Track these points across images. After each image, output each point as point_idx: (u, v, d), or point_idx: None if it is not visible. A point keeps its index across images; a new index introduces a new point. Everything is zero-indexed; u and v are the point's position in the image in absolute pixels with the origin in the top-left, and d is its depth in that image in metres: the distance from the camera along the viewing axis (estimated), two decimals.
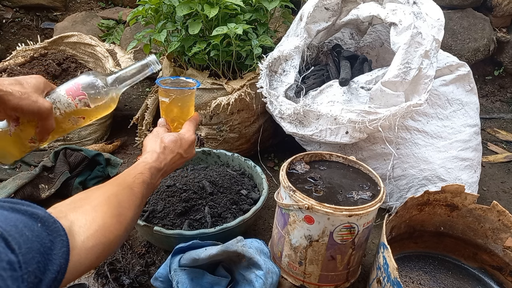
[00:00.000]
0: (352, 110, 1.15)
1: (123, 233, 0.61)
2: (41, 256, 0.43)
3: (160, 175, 0.82)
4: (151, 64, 0.86)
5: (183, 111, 0.97)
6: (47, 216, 0.48)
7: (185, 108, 0.97)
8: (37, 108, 0.67)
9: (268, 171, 1.54)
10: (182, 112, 0.97)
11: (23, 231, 0.42)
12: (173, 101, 0.94)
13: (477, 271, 1.08)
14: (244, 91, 1.39)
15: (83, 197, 0.61)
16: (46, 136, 0.73)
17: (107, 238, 0.56)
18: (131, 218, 0.65)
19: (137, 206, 0.68)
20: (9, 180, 1.26)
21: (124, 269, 1.00)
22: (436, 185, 1.24)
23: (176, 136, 0.88)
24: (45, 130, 0.71)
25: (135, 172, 0.74)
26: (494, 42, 2.33)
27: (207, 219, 1.05)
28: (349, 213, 0.86)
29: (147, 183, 0.74)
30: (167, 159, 0.84)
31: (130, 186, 0.69)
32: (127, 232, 0.64)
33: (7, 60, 1.83)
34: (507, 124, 2.16)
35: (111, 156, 1.49)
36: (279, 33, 1.67)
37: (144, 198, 0.73)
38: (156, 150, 0.83)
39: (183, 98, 0.95)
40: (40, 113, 0.68)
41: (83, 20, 2.51)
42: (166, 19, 1.43)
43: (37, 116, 0.69)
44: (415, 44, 1.13)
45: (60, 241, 0.47)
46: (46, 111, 0.69)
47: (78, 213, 0.55)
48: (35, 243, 0.43)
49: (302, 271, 0.98)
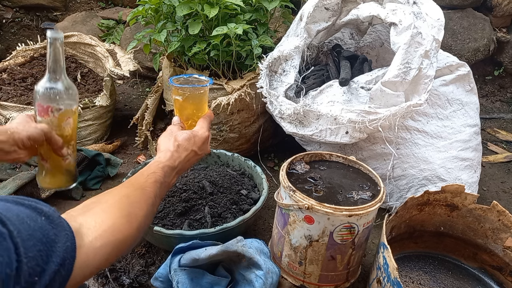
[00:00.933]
0: (352, 110, 1.15)
1: (134, 232, 0.61)
2: (43, 246, 0.43)
3: (175, 173, 0.82)
4: (52, 34, 0.79)
5: (196, 108, 0.97)
6: (51, 212, 0.48)
7: (198, 105, 0.97)
8: (40, 130, 0.78)
9: (268, 171, 1.54)
10: (196, 110, 0.97)
11: (24, 219, 0.43)
12: (186, 99, 0.95)
13: (477, 271, 1.08)
14: (244, 91, 1.39)
15: (95, 201, 0.61)
16: (61, 149, 0.82)
17: (116, 237, 0.56)
18: (144, 217, 0.65)
19: (150, 205, 0.68)
20: (9, 180, 1.26)
21: (124, 269, 1.00)
22: (436, 185, 1.24)
23: (190, 133, 0.88)
24: (57, 145, 0.81)
25: (148, 172, 0.75)
26: (494, 42, 2.33)
27: (207, 219, 1.05)
28: (349, 213, 0.86)
29: (160, 182, 0.74)
30: (181, 157, 0.84)
31: (142, 186, 0.70)
32: (140, 232, 0.64)
33: (7, 60, 1.83)
34: (507, 124, 2.16)
35: (111, 156, 1.49)
36: (279, 33, 1.67)
37: (158, 198, 0.73)
38: (170, 148, 0.84)
39: (196, 96, 0.95)
40: (45, 133, 0.78)
41: (83, 20, 2.51)
42: (166, 19, 1.43)
43: (45, 137, 0.79)
44: (415, 44, 1.13)
45: (64, 236, 0.47)
46: (47, 129, 0.79)
47: (88, 215, 0.56)
48: (37, 233, 0.43)
49: (302, 271, 0.98)
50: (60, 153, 0.82)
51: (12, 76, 1.74)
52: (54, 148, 0.82)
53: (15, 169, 1.44)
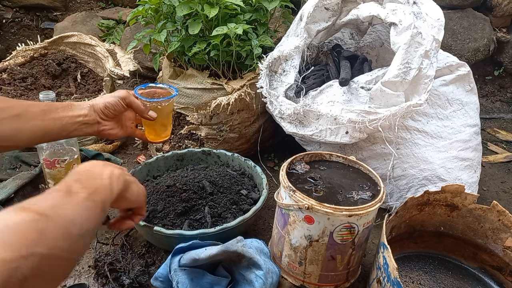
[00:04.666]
0: (352, 110, 1.15)
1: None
2: None
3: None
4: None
5: (163, 120, 0.98)
6: None
7: (165, 119, 0.99)
8: (116, 96, 0.87)
9: (268, 171, 1.54)
10: (161, 124, 0.99)
11: None
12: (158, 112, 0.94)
13: (477, 271, 1.08)
14: (244, 91, 1.39)
15: None
16: (144, 113, 0.92)
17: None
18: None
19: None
20: (9, 180, 1.26)
21: (124, 269, 1.00)
22: (436, 185, 1.24)
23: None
24: (139, 109, 0.91)
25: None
26: (494, 42, 2.33)
27: (207, 219, 1.05)
28: (349, 213, 0.86)
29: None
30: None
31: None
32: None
33: (7, 60, 1.83)
34: (507, 124, 2.16)
35: (111, 156, 1.49)
36: (279, 33, 1.67)
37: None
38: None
39: (159, 109, 0.94)
40: (122, 98, 0.88)
41: (83, 20, 2.51)
42: (166, 19, 1.43)
43: (124, 102, 0.89)
44: (415, 44, 1.13)
45: None
46: (123, 95, 0.88)
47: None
48: None
49: (302, 271, 0.98)
50: (145, 116, 0.91)
51: (12, 76, 1.74)
52: (137, 113, 0.91)
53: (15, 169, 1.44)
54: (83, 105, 0.83)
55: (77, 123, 0.80)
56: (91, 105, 0.84)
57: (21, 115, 0.71)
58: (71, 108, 0.80)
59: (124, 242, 1.10)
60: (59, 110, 0.78)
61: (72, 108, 0.80)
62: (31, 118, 0.72)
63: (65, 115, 0.78)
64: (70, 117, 0.79)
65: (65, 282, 1.00)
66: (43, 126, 0.74)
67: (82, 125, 0.81)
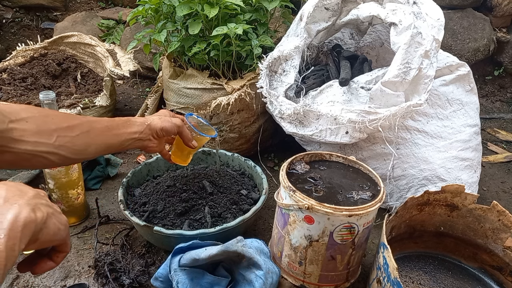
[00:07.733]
0: (352, 110, 1.15)
1: None
2: None
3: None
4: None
5: (189, 150, 1.08)
6: None
7: (197, 149, 1.09)
8: (174, 124, 0.96)
9: (268, 171, 1.54)
10: (189, 151, 1.08)
11: None
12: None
13: (477, 271, 1.08)
14: (244, 91, 1.39)
15: None
16: (190, 141, 1.01)
17: None
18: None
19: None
20: (9, 180, 1.26)
21: (124, 269, 1.00)
22: (436, 185, 1.24)
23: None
24: (187, 138, 1.00)
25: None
26: (494, 42, 2.33)
27: (207, 219, 1.05)
28: (349, 213, 0.86)
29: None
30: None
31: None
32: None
33: (7, 60, 1.83)
34: (507, 124, 2.16)
35: (111, 156, 1.49)
36: (279, 33, 1.67)
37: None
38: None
39: (199, 140, 1.06)
40: (177, 127, 0.97)
41: (83, 20, 2.51)
42: (166, 19, 1.43)
43: (177, 130, 0.97)
44: (415, 44, 1.13)
45: None
46: (180, 124, 0.97)
47: None
48: None
49: (302, 271, 0.98)
50: (189, 144, 1.01)
51: (12, 76, 1.74)
52: (184, 141, 1.00)
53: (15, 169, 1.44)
54: (139, 121, 0.90)
55: (132, 139, 0.88)
56: (148, 124, 0.91)
57: (90, 131, 0.78)
58: (129, 124, 0.88)
59: (124, 242, 1.10)
60: (120, 127, 0.85)
61: (130, 124, 0.88)
62: (98, 134, 0.80)
63: (124, 131, 0.86)
64: (128, 133, 0.87)
65: (65, 282, 1.00)
66: (106, 141, 0.82)
67: (136, 140, 0.89)
